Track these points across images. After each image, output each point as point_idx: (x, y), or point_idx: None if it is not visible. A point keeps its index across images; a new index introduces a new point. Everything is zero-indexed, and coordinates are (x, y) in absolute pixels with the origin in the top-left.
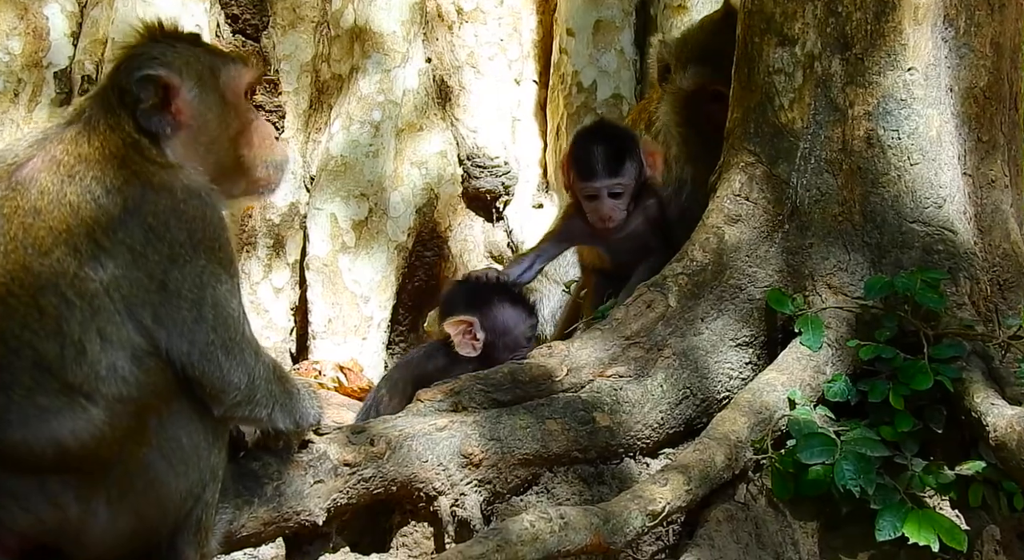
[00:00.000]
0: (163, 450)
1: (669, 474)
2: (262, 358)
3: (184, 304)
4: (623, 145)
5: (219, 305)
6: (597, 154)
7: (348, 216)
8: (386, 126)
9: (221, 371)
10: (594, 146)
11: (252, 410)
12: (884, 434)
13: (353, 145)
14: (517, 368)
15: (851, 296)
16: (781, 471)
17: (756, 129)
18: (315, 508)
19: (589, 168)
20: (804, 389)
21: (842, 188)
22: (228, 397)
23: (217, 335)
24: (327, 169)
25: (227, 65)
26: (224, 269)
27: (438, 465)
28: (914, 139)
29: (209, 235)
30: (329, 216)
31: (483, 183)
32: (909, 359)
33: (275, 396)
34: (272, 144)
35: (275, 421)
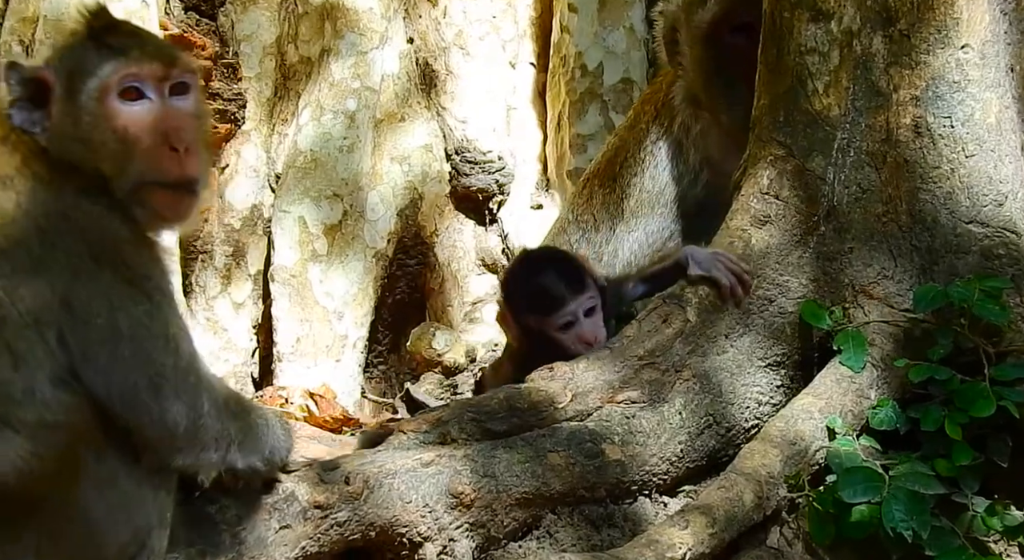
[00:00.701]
0: (100, 489)
1: (690, 515)
2: (209, 390)
3: (94, 334)
4: (565, 259)
5: (139, 334)
6: (551, 280)
7: (319, 219)
8: (362, 116)
9: (150, 415)
10: (541, 275)
11: (200, 455)
12: (939, 468)
13: (324, 138)
14: (514, 393)
15: (898, 308)
16: (820, 512)
17: (787, 117)
18: (280, 558)
19: (551, 299)
20: (845, 416)
21: (886, 184)
22: (164, 444)
23: (140, 373)
24: (295, 166)
25: (98, 65)
26: (138, 288)
27: (424, 506)
28: (969, 127)
29: (110, 248)
30: (297, 220)
31: (474, 181)
32: (967, 381)
33: (230, 435)
34: (157, 158)
35: (232, 463)
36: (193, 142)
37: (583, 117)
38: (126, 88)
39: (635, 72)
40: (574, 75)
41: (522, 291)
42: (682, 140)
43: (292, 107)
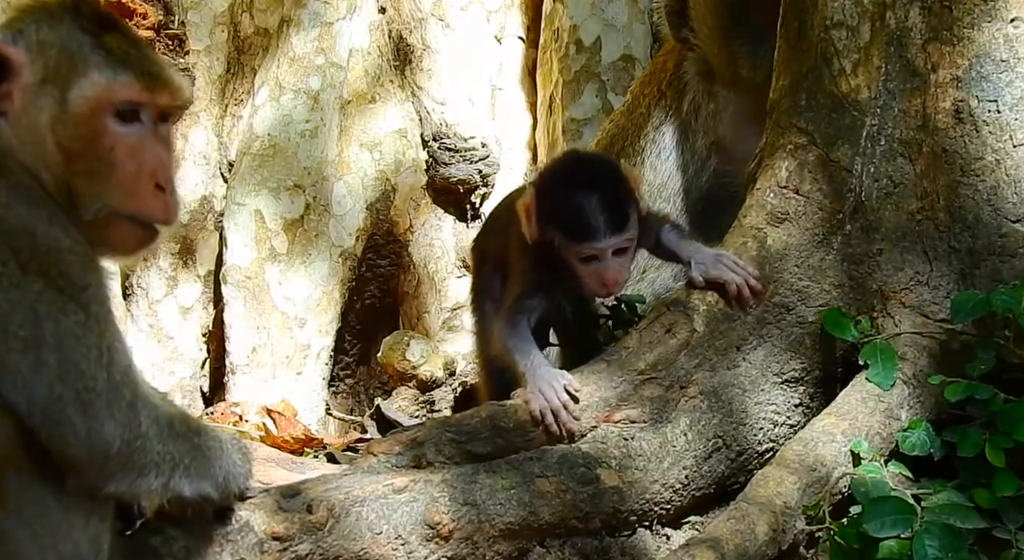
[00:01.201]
0: (23, 516)
1: (696, 550)
2: (149, 407)
3: (15, 344)
4: (619, 185)
5: (67, 344)
6: (593, 206)
7: (278, 213)
8: (327, 97)
9: (76, 433)
10: (585, 195)
11: (136, 480)
12: (979, 499)
13: (284, 121)
14: (498, 411)
15: (934, 318)
16: (843, 547)
17: (809, 101)
18: None
19: (586, 226)
20: (872, 439)
21: (922, 177)
22: (92, 467)
23: (67, 386)
24: (250, 152)
25: (96, 69)
26: (72, 299)
27: (396, 538)
28: (1018, 112)
29: (41, 254)
30: (253, 214)
31: (454, 171)
32: (1011, 401)
33: (174, 459)
34: (136, 190)
35: (178, 490)
36: (174, 180)
37: (578, 99)
38: (125, 109)
39: (637, 48)
40: (568, 51)
41: (558, 202)
42: (690, 122)
43: (247, 85)
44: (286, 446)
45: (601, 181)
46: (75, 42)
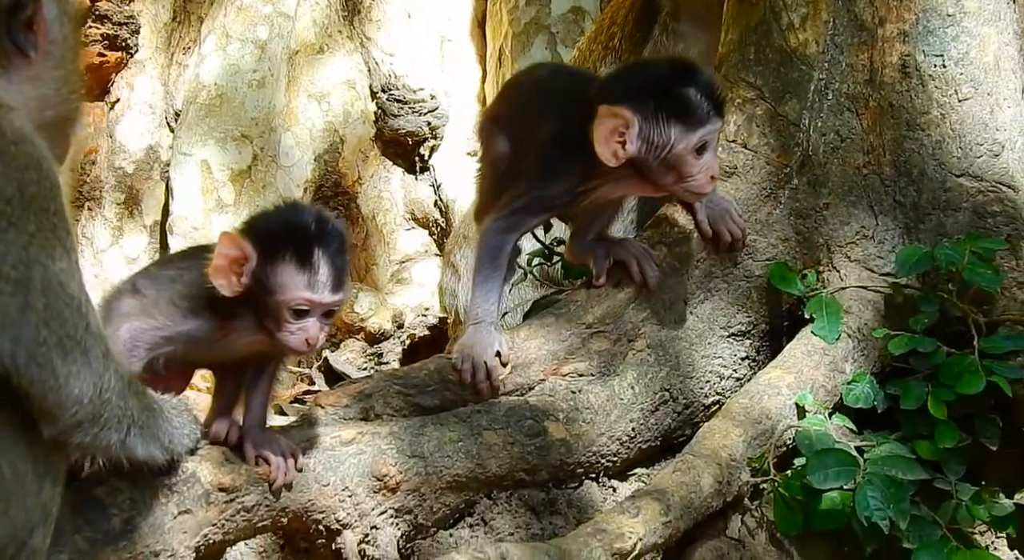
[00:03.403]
0: None
1: (642, 502)
2: (116, 362)
3: (6, 286)
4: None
5: (52, 290)
6: (710, 89)
7: (225, 164)
8: (275, 47)
9: (56, 379)
10: (699, 78)
11: (99, 433)
12: (921, 451)
13: (231, 71)
14: (446, 364)
15: (879, 272)
16: (786, 498)
17: (757, 55)
18: (179, 546)
19: (701, 109)
20: (816, 392)
21: (868, 132)
22: (66, 414)
23: (51, 331)
24: (197, 102)
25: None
26: (60, 242)
27: (343, 490)
28: (964, 67)
29: (45, 193)
30: (200, 164)
31: (403, 123)
32: (954, 354)
33: (132, 415)
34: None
35: (131, 449)
36: None
37: (527, 51)
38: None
39: (587, 1)
40: (518, 3)
41: (676, 88)
42: None
43: (194, 34)
44: None
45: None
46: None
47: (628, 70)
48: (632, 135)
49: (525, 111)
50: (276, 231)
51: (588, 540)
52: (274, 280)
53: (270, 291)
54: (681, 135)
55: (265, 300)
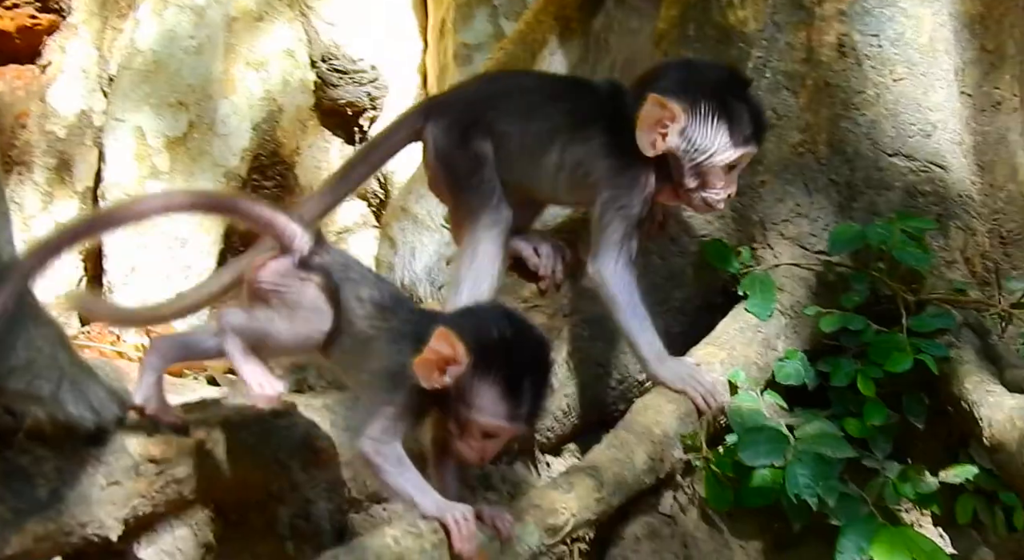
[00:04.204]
0: None
1: (575, 478)
2: (46, 314)
3: None
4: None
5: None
6: (758, 111)
7: (160, 131)
8: (213, 13)
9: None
10: (753, 99)
11: (33, 381)
12: (850, 429)
13: (168, 37)
14: None
15: (812, 250)
16: (718, 475)
17: (697, 32)
18: (107, 518)
19: (749, 129)
20: (749, 369)
21: (805, 110)
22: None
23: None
24: (132, 67)
25: None
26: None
27: (275, 462)
28: (899, 47)
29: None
30: (134, 130)
31: (342, 93)
32: (883, 332)
33: (63, 369)
34: None
35: (63, 404)
36: None
37: (469, 24)
38: None
39: None
40: None
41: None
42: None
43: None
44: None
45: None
46: None
47: (687, 65)
48: (675, 129)
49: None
50: (494, 347)
51: (521, 516)
52: (477, 398)
53: (469, 405)
54: (723, 147)
55: (459, 408)
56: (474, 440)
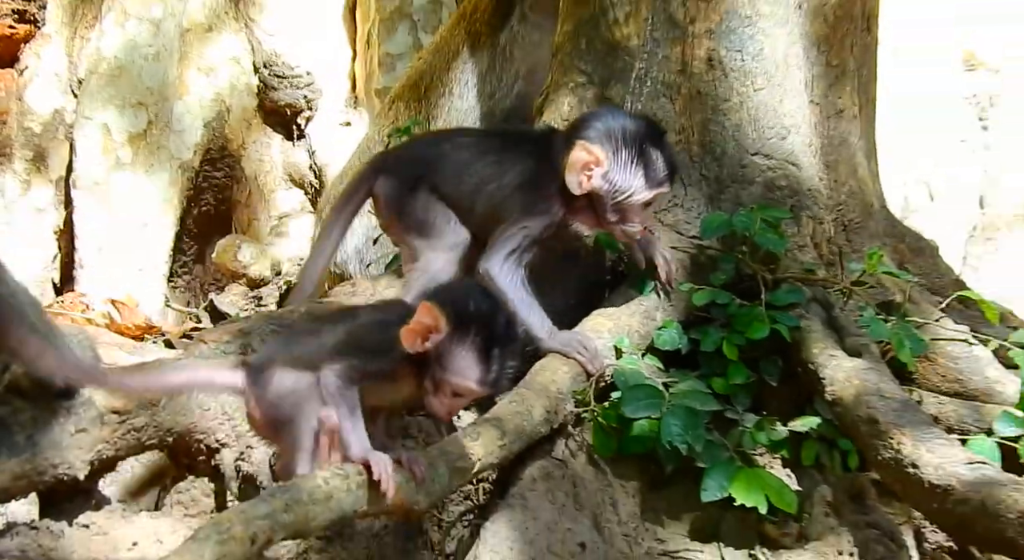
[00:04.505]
0: None
1: (482, 428)
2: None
3: None
4: None
5: None
6: (670, 157)
7: (123, 128)
8: (168, 25)
9: None
10: (666, 146)
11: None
12: (716, 387)
13: (129, 46)
14: (316, 307)
15: (686, 235)
16: (603, 426)
17: (588, 46)
18: (75, 460)
19: (662, 173)
20: (632, 337)
21: (679, 114)
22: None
23: None
24: (98, 72)
25: None
26: None
27: (222, 414)
28: (759, 61)
29: None
30: (100, 127)
31: (282, 95)
32: (745, 306)
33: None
34: None
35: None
36: None
37: (392, 36)
38: None
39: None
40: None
41: (648, 147)
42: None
43: (95, 11)
44: (128, 333)
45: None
46: None
47: (610, 115)
48: (599, 173)
49: (470, 167)
50: (471, 319)
51: (434, 460)
52: (453, 362)
53: (444, 368)
54: (640, 189)
55: (436, 370)
56: (446, 398)
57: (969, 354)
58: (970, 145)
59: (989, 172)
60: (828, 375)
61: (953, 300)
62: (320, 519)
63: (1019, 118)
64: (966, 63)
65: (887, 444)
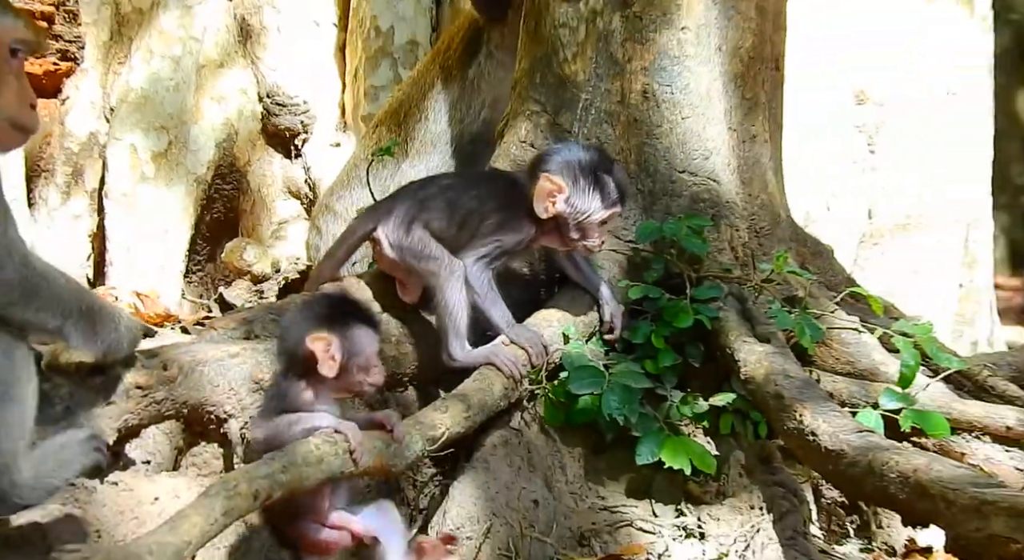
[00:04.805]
0: None
1: (449, 402)
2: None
3: None
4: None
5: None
6: (622, 182)
7: (148, 147)
8: (186, 61)
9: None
10: (618, 173)
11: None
12: (648, 368)
13: (154, 78)
14: (308, 300)
15: (624, 240)
16: (553, 401)
17: (542, 80)
18: (106, 428)
19: (616, 195)
20: (578, 325)
21: (619, 138)
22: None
23: None
24: (127, 101)
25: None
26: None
27: (229, 389)
28: (685, 94)
29: None
30: (129, 147)
31: (282, 120)
32: (673, 299)
33: (69, 310)
34: (22, 104)
35: (68, 337)
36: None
37: (376, 71)
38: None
39: (420, 35)
40: (369, 35)
41: (602, 174)
42: (474, 84)
43: (125, 50)
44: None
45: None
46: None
47: (566, 149)
48: (561, 199)
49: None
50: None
51: (409, 429)
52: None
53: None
54: (597, 209)
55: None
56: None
57: (859, 340)
58: (860, 166)
59: (875, 189)
60: (742, 358)
61: (845, 295)
62: (312, 479)
63: (900, 144)
64: (856, 98)
65: (791, 416)
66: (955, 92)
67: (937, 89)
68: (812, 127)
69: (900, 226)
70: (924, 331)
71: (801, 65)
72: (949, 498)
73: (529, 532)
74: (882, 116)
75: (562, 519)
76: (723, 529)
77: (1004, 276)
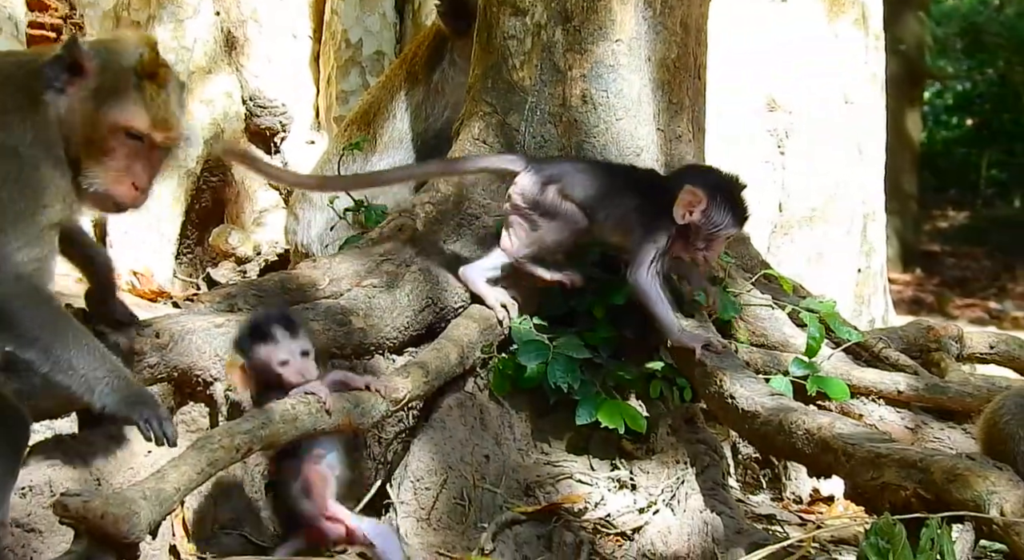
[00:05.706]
0: None
1: (411, 368)
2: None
3: None
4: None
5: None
6: (747, 205)
7: None
8: (178, 68)
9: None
10: (746, 196)
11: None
12: (587, 339)
13: None
14: (286, 277)
15: None
16: (502, 371)
17: (493, 85)
18: None
19: (742, 216)
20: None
21: (561, 137)
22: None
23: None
24: None
25: (128, 96)
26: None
27: (215, 356)
28: (619, 99)
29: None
30: None
31: (263, 121)
32: (610, 279)
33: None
34: (119, 182)
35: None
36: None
37: (346, 77)
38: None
39: (386, 46)
40: (340, 46)
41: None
42: (438, 88)
43: None
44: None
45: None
46: (125, 76)
47: (710, 170)
48: (699, 209)
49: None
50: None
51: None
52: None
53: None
54: (728, 225)
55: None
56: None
57: (771, 316)
58: (772, 166)
59: (785, 186)
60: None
61: (760, 277)
62: (288, 435)
63: (806, 147)
64: (768, 106)
65: (712, 381)
66: (852, 101)
67: (836, 98)
68: (730, 131)
69: (807, 218)
70: (828, 308)
71: (721, 76)
72: (848, 452)
73: (481, 483)
74: (790, 122)
75: (510, 472)
76: (652, 481)
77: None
